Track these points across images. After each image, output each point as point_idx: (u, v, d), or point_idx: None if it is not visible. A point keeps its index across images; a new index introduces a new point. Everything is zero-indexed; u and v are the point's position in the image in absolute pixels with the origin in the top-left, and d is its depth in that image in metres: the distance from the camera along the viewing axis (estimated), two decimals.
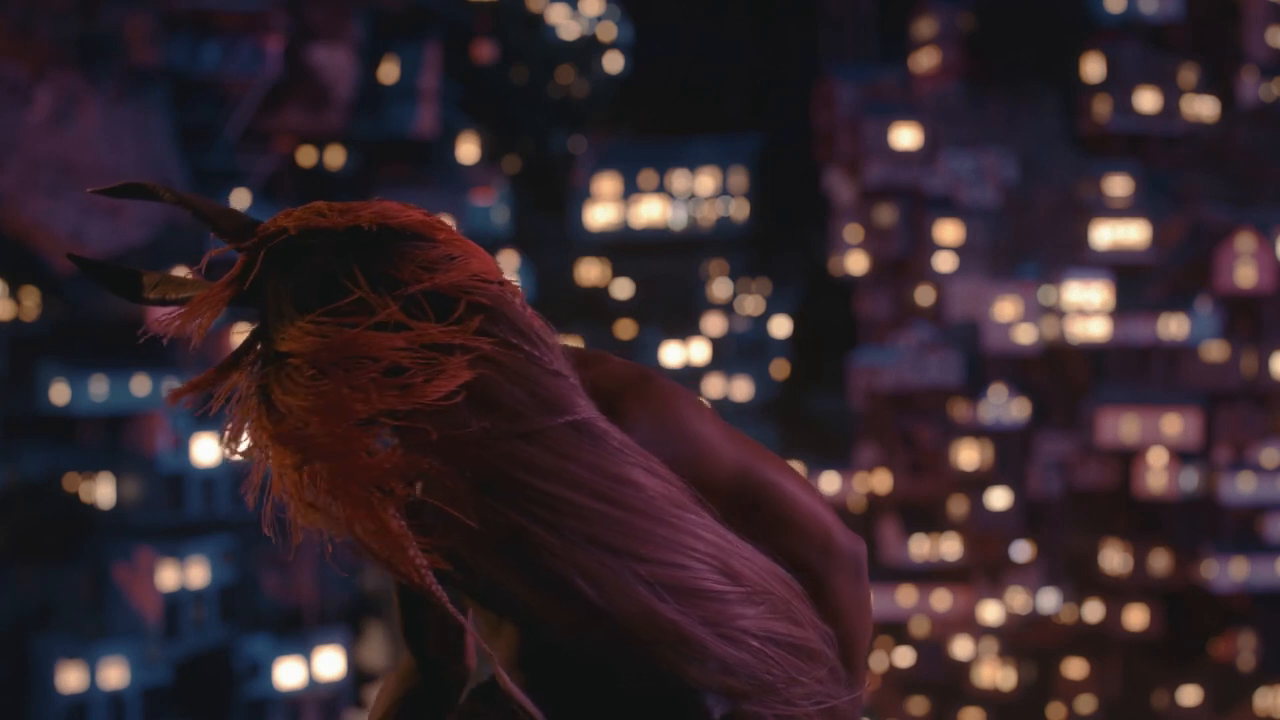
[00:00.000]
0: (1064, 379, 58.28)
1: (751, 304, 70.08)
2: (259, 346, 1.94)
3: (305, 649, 45.98)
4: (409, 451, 1.90)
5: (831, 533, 2.12)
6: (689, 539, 1.96)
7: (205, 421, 40.51)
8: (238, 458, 1.94)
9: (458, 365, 1.87)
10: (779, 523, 2.09)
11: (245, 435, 1.92)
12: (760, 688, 2.01)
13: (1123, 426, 55.54)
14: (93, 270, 1.97)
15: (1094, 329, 57.25)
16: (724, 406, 66.40)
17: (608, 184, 70.63)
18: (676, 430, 2.04)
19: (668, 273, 69.87)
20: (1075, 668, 56.30)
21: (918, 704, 56.88)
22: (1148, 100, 59.78)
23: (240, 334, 1.98)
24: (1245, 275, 55.81)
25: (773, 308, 70.11)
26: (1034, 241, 59.55)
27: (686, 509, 1.98)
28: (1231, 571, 53.82)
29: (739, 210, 71.34)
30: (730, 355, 68.42)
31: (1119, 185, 59.02)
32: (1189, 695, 54.70)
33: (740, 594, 1.98)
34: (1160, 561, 55.81)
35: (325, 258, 1.89)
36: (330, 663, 46.55)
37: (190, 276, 2.01)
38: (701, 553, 1.96)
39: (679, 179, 70.82)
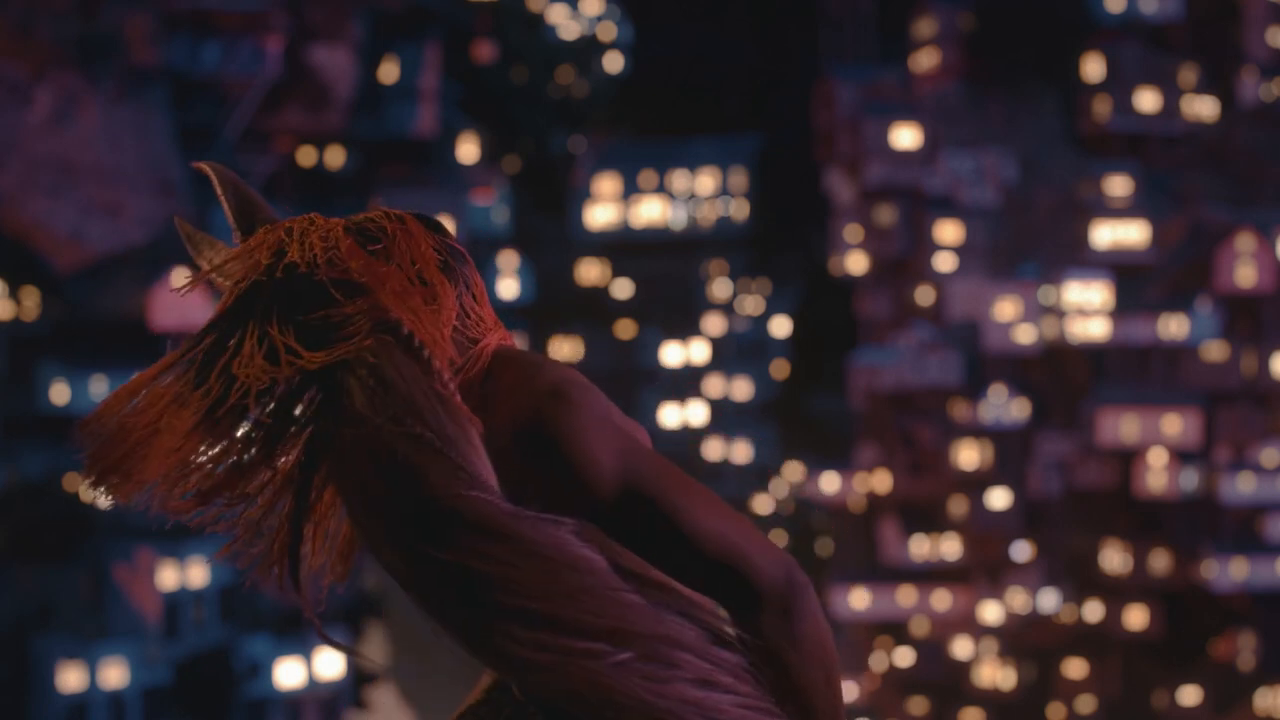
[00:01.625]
0: (1064, 379, 58.26)
1: (751, 304, 70.08)
2: None
3: (305, 649, 45.96)
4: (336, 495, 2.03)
5: (748, 563, 1.89)
6: (570, 591, 1.86)
7: None
8: None
9: (232, 435, 1.97)
10: (676, 550, 1.92)
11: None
12: None
13: (1123, 426, 55.51)
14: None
15: (1094, 329, 57.22)
16: (724, 406, 66.38)
17: (608, 184, 70.61)
18: (561, 449, 1.94)
19: (668, 273, 69.85)
20: (1075, 668, 56.29)
21: (918, 704, 56.89)
22: (1148, 100, 59.74)
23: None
24: (1245, 275, 55.78)
25: (773, 308, 70.11)
26: (1034, 241, 59.52)
27: (564, 567, 1.87)
28: (1231, 571, 53.80)
29: (739, 210, 71.33)
30: (730, 355, 68.39)
31: (1119, 185, 58.98)
32: (1189, 695, 54.70)
33: (630, 654, 1.85)
34: (1160, 561, 55.79)
35: (228, 317, 2.04)
36: (330, 663, 46.55)
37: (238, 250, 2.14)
38: (567, 613, 1.85)
39: (679, 179, 70.81)
